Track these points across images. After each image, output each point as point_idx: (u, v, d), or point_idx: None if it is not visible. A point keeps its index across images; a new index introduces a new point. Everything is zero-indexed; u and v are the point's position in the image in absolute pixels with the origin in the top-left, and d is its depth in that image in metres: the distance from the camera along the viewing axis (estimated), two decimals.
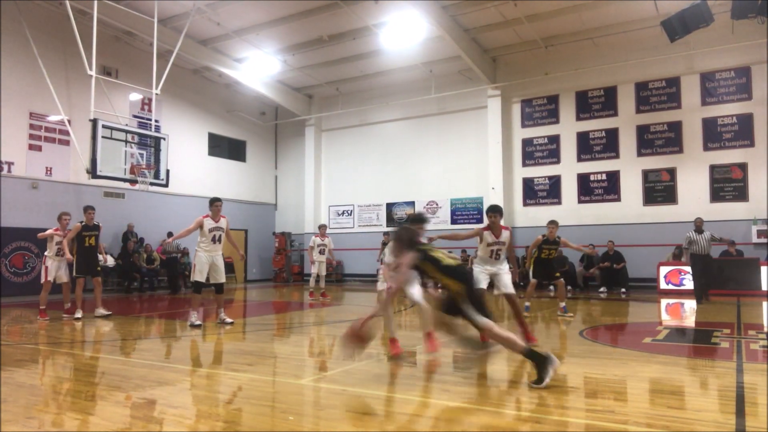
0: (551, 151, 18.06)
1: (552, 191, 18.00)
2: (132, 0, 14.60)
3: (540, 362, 4.40)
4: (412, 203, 20.36)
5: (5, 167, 14.53)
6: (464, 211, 19.21)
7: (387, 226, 20.53)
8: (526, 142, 18.45)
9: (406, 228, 5.22)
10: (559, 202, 17.82)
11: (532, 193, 18.32)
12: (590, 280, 16.10)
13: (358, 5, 15.11)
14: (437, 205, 19.77)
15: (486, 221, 7.21)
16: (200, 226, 8.80)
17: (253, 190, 22.44)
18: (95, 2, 12.96)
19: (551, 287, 10.85)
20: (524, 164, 18.44)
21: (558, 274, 9.93)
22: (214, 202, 9.04)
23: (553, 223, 10.03)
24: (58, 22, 14.62)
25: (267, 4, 15.29)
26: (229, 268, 20.51)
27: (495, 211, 6.90)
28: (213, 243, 8.82)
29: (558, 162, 17.92)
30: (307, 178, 22.26)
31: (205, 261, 8.68)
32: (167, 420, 3.83)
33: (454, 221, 19.28)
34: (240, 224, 21.57)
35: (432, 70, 18.74)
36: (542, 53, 17.41)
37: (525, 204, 18.29)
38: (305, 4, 15.30)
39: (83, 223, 9.91)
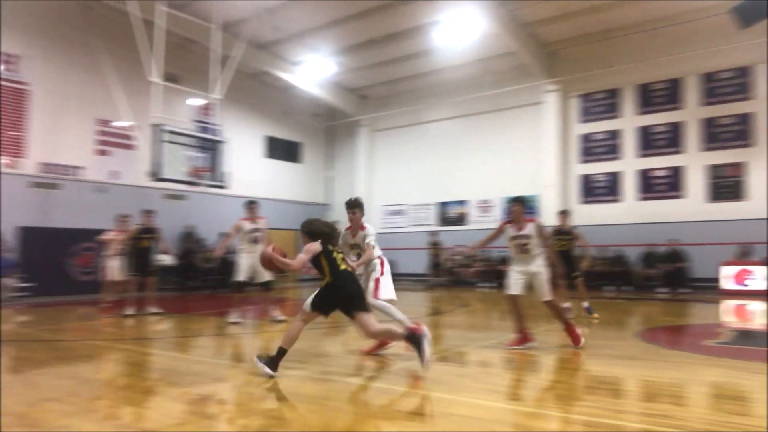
0: (611, 146, 17.47)
1: (611, 188, 17.41)
2: (193, 0, 15.10)
3: (414, 342, 4.64)
4: (464, 202, 20.16)
5: (76, 172, 15.33)
6: None
7: (440, 226, 20.42)
8: (584, 138, 17.93)
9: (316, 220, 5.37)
10: (619, 200, 17.22)
11: (589, 190, 17.78)
12: (650, 280, 15.46)
13: (414, 4, 15.10)
14: (490, 203, 19.49)
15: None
16: (239, 229, 9.03)
17: (308, 191, 22.80)
18: (159, 11, 13.51)
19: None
20: (581, 161, 17.92)
21: (576, 273, 9.09)
22: (250, 205, 9.31)
23: (564, 213, 9.53)
24: (123, 31, 15.27)
25: (324, 5, 15.50)
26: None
27: (516, 201, 6.49)
28: (253, 244, 9.05)
29: (618, 158, 17.32)
30: (359, 178, 22.43)
31: (246, 261, 8.92)
32: (220, 417, 3.93)
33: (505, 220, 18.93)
34: (295, 224, 21.83)
35: (486, 67, 18.48)
36: (602, 46, 16.85)
37: (582, 202, 17.76)
38: (361, 5, 15.43)
39: (141, 225, 10.35)
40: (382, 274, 6.14)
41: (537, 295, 6.26)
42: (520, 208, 6.43)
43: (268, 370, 4.78)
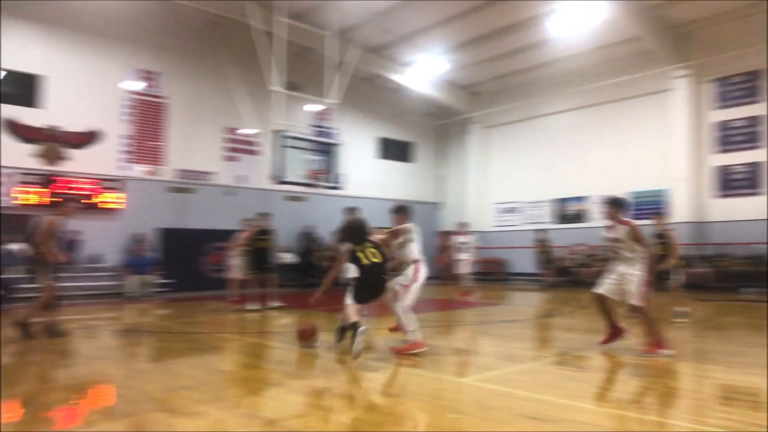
0: (750, 134, 15.75)
1: (751, 180, 15.69)
2: (312, 0, 15.78)
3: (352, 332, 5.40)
4: (583, 198, 19.20)
5: (207, 177, 16.64)
6: (645, 206, 17.55)
7: (558, 224, 19.63)
8: (720, 126, 16.33)
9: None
10: (760, 192, 15.43)
11: (726, 183, 16.16)
12: None
13: None
14: None
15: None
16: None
17: (421, 190, 22.93)
18: (276, 23, 14.29)
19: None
20: (716, 151, 16.33)
21: (666, 276, 8.33)
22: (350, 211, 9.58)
23: (656, 215, 8.91)
24: (247, 44, 16.33)
25: (435, 4, 15.51)
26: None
27: (608, 202, 6.26)
28: None
29: (759, 146, 15.57)
30: (471, 176, 22.16)
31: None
32: (335, 409, 4.06)
33: (635, 216, 17.69)
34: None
35: (605, 54, 17.47)
36: (740, 24, 15.25)
37: (718, 196, 16.19)
38: (473, 2, 15.25)
39: (258, 227, 11.10)
40: (415, 281, 6.29)
41: (625, 299, 5.93)
42: (611, 209, 6.20)
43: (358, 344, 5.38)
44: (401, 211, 6.89)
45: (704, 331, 7.89)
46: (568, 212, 19.59)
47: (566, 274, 17.79)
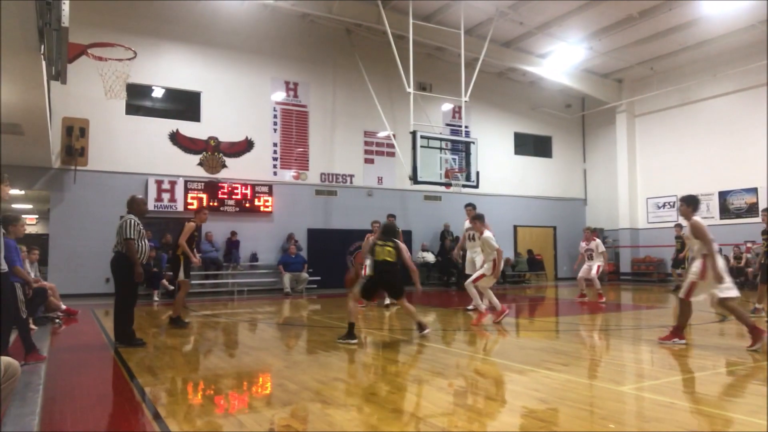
0: None
1: None
2: (440, 8, 15.84)
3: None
4: (753, 190, 17.09)
5: (348, 179, 17.34)
6: None
7: (720, 219, 17.70)
8: None
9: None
10: None
11: None
12: None
13: None
14: None
15: None
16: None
17: (561, 186, 21.91)
18: (410, 25, 14.50)
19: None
20: None
21: None
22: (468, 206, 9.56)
23: (766, 211, 8.11)
24: (381, 49, 16.79)
25: None
26: (539, 265, 20.47)
27: (681, 200, 6.66)
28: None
29: None
30: (619, 170, 20.69)
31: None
32: (484, 410, 3.98)
33: None
34: (547, 221, 21.32)
35: (766, 29, 15.43)
36: None
37: None
38: None
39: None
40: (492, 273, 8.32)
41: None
42: (685, 208, 6.52)
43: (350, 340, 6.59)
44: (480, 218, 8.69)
45: None
46: (735, 206, 17.55)
47: (736, 275, 15.95)
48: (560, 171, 22.06)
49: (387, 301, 10.97)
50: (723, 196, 17.84)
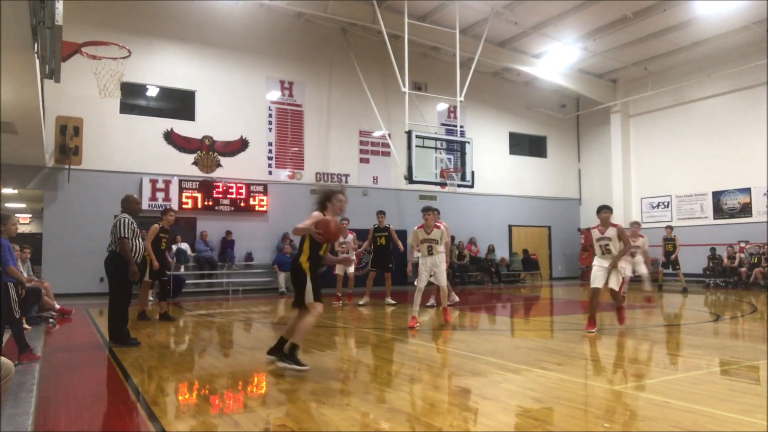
0: None
1: None
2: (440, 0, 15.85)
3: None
4: (746, 190, 17.18)
5: (343, 179, 17.33)
6: None
7: (714, 219, 17.80)
8: None
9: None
10: None
11: None
12: None
13: None
14: None
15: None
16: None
17: (555, 186, 21.97)
18: (405, 24, 14.51)
19: None
20: None
21: None
22: (426, 212, 8.72)
23: None
24: (376, 49, 16.80)
25: None
26: (534, 265, 20.51)
27: (605, 208, 7.81)
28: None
29: None
30: (614, 170, 20.77)
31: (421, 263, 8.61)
32: (479, 410, 3.99)
33: None
34: (542, 221, 21.38)
35: (761, 30, 15.51)
36: None
37: None
38: None
39: (375, 226, 11.39)
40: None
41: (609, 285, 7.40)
42: (607, 215, 7.65)
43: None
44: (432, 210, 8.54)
45: None
46: (728, 206, 17.65)
47: (729, 275, 16.07)
48: (555, 171, 22.12)
49: (361, 300, 11.06)
50: (716, 196, 17.93)
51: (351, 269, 11.46)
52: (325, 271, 12.22)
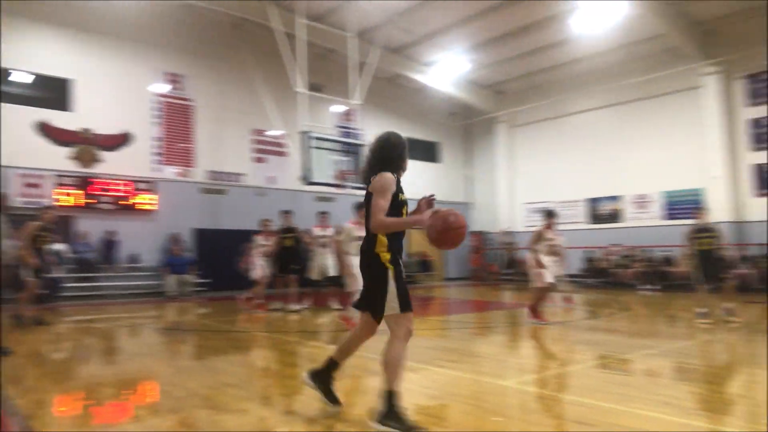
0: None
1: None
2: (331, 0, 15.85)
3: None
4: (617, 198, 18.88)
5: (237, 178, 16.83)
6: (680, 205, 17.19)
7: (591, 223, 19.35)
8: (755, 123, 15.89)
9: None
10: None
11: (765, 181, 15.72)
12: None
13: None
14: (647, 199, 18.03)
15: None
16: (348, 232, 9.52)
17: (448, 190, 22.80)
18: (299, 25, 14.38)
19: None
20: (754, 148, 15.89)
21: (722, 275, 8.16)
22: (361, 209, 9.22)
23: (701, 209, 8.67)
24: (271, 46, 16.46)
25: (455, 4, 15.39)
26: (429, 266, 21.13)
27: (550, 214, 9.03)
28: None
29: None
30: (500, 176, 21.97)
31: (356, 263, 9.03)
32: (374, 409, 4.04)
33: (669, 216, 17.35)
34: None
35: (632, 52, 17.19)
36: (763, 21, 14.79)
37: (757, 194, 15.75)
38: (493, 1, 15.12)
39: (281, 227, 11.00)
40: None
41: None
42: (551, 220, 8.80)
43: None
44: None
45: (753, 335, 7.67)
46: (601, 212, 19.28)
47: (603, 276, 17.51)
48: (447, 176, 22.97)
49: (297, 306, 10.59)
50: (590, 203, 19.52)
51: (263, 271, 11.02)
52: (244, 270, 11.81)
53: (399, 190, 3.78)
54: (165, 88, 15.84)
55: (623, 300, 13.09)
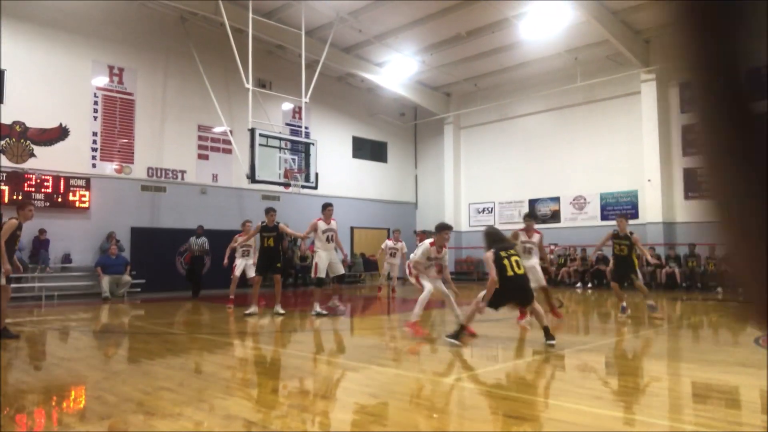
0: None
1: None
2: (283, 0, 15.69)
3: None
4: (557, 199, 19.49)
5: (179, 175, 16.36)
6: (616, 206, 17.93)
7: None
8: (688, 129, 16.73)
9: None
10: None
11: (696, 185, 16.59)
12: None
13: None
14: (585, 200, 18.71)
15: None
16: (315, 228, 9.57)
17: (395, 190, 22.96)
18: (250, 20, 14.15)
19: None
20: (685, 153, 16.75)
21: (634, 276, 9.17)
22: (327, 207, 9.59)
23: (622, 217, 9.68)
24: (218, 41, 16.13)
25: (406, 5, 15.54)
26: (373, 265, 21.17)
27: (530, 216, 9.29)
28: (327, 242, 9.62)
29: None
30: (446, 177, 22.29)
31: (325, 259, 9.49)
32: (317, 410, 4.03)
33: (604, 217, 18.07)
34: (382, 223, 22.17)
35: (576, 57, 17.78)
36: None
37: (688, 197, 16.60)
38: (443, 3, 15.32)
39: (264, 224, 10.20)
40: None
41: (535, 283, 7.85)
42: (530, 222, 8.99)
43: (455, 341, 6.28)
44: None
45: (678, 330, 8.08)
46: (541, 212, 19.86)
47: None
48: (394, 176, 23.11)
49: (281, 310, 9.92)
50: (532, 203, 20.07)
51: (252, 272, 10.64)
52: (225, 270, 11.44)
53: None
54: (104, 81, 15.23)
55: (559, 297, 13.52)
